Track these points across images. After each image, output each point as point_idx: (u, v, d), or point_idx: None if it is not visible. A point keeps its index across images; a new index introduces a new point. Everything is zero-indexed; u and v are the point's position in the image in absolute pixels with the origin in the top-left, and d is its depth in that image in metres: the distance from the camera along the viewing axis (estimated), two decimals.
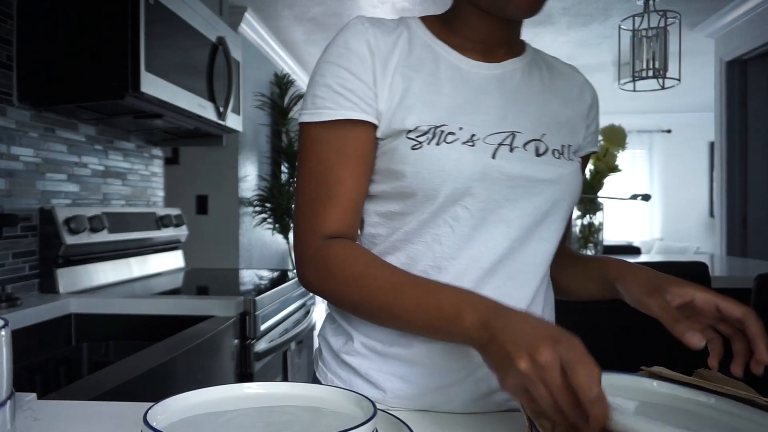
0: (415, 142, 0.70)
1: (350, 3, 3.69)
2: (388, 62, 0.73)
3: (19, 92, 1.60)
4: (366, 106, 0.72)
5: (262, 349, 1.71)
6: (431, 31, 0.78)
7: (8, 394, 0.53)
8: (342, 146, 0.72)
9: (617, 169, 2.36)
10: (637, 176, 7.50)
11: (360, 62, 0.72)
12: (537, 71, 0.82)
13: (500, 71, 0.78)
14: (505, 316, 0.57)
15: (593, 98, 0.88)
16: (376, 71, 0.72)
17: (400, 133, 0.71)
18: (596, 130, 0.89)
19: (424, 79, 0.73)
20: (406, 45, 0.75)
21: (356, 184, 0.73)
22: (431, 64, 0.75)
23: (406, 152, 0.70)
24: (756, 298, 1.67)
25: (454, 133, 0.71)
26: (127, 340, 1.59)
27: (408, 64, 0.74)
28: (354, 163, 0.72)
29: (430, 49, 0.76)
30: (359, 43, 0.72)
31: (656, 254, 6.20)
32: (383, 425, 0.55)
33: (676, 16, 2.97)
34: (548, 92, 0.81)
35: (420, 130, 0.70)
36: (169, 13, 1.67)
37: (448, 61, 0.76)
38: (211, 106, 1.95)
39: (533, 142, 0.75)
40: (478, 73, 0.77)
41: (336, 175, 0.72)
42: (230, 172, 3.85)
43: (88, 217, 1.75)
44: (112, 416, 0.68)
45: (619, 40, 3.23)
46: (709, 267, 1.66)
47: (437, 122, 0.71)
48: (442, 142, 0.70)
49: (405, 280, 0.67)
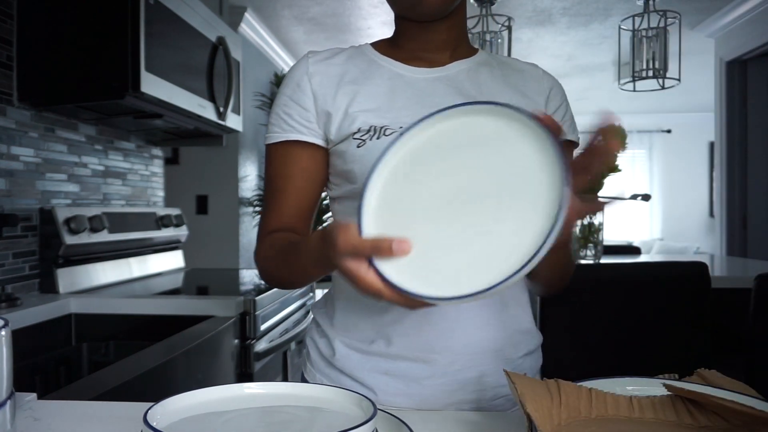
0: (359, 140, 0.78)
1: (350, 3, 3.69)
2: (329, 81, 0.82)
3: (19, 92, 1.60)
4: (303, 129, 0.82)
5: (262, 349, 1.71)
6: (378, 51, 0.86)
7: (8, 394, 0.53)
8: (285, 163, 0.85)
9: (617, 169, 2.36)
10: (637, 176, 7.50)
11: (300, 90, 0.82)
12: (486, 70, 0.85)
13: (444, 74, 0.83)
14: (322, 235, 0.64)
15: (552, 86, 0.87)
16: (315, 92, 0.82)
17: (348, 137, 0.79)
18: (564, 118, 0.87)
19: (366, 89, 0.81)
20: (350, 64, 0.84)
21: (298, 194, 0.84)
22: (375, 76, 0.82)
23: (353, 151, 0.78)
24: (756, 298, 1.67)
25: (394, 130, 0.76)
26: (127, 340, 1.59)
27: (351, 78, 0.82)
28: (296, 177, 0.84)
29: (375, 64, 0.84)
30: (299, 73, 0.83)
31: (656, 254, 6.20)
32: (383, 425, 0.55)
33: (676, 16, 2.98)
34: (499, 86, 0.83)
35: (362, 131, 0.78)
36: (169, 13, 1.67)
37: (391, 71, 0.83)
38: (211, 106, 1.95)
39: None
40: (420, 77, 0.82)
41: (279, 187, 0.85)
42: (230, 172, 3.85)
43: (88, 217, 1.75)
44: (112, 416, 0.68)
45: (619, 40, 3.23)
46: (709, 267, 1.66)
47: (378, 123, 0.77)
48: (382, 136, 0.76)
49: (284, 249, 0.77)
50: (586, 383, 0.62)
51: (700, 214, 7.48)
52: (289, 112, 0.83)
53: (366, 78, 0.82)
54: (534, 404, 0.55)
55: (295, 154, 0.84)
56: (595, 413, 0.58)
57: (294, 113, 0.83)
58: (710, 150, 7.30)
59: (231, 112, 2.09)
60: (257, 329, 1.70)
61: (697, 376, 0.65)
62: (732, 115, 3.97)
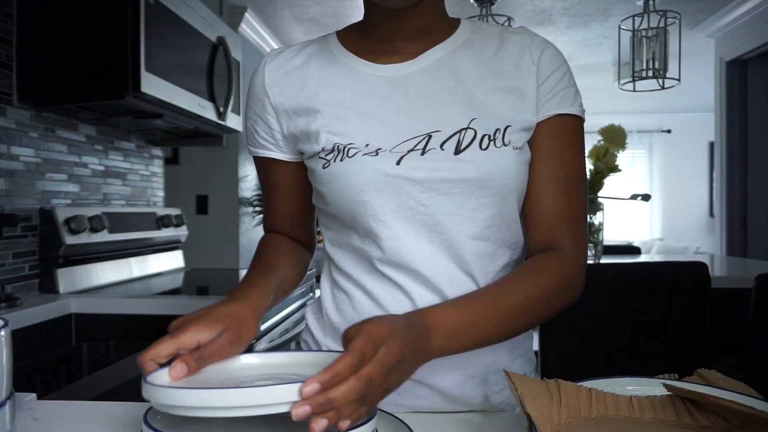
0: (325, 161, 0.74)
1: (350, 3, 3.69)
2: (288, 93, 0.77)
3: (19, 92, 1.60)
4: (269, 144, 0.81)
5: (262, 349, 1.71)
6: (344, 45, 0.79)
7: (8, 394, 0.53)
8: (267, 175, 0.86)
9: (617, 169, 2.36)
10: (637, 176, 7.50)
11: (261, 107, 0.80)
12: (465, 54, 0.76)
13: (415, 68, 0.74)
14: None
15: (540, 55, 0.75)
16: (276, 107, 0.78)
17: (314, 155, 0.75)
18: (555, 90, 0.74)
19: (330, 100, 0.75)
20: (312, 67, 0.78)
21: (284, 203, 0.86)
22: (338, 81, 0.76)
23: (320, 172, 0.74)
24: (756, 298, 1.67)
25: (358, 148, 0.71)
26: (127, 340, 1.59)
27: (313, 89, 0.76)
28: (278, 189, 0.85)
29: (337, 63, 0.77)
30: (258, 83, 0.80)
31: (656, 254, 6.20)
32: (383, 425, 0.55)
33: (676, 16, 2.98)
34: (479, 72, 0.74)
35: (326, 150, 0.73)
36: (169, 13, 1.67)
37: (356, 72, 0.76)
38: (211, 106, 1.95)
39: (454, 137, 0.70)
40: (388, 76, 0.74)
41: (267, 196, 0.87)
42: (230, 172, 3.85)
43: (88, 217, 1.75)
44: (112, 416, 0.68)
45: (619, 40, 3.23)
46: (709, 267, 1.66)
47: (343, 141, 0.72)
48: (345, 157, 0.72)
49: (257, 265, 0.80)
50: (586, 383, 0.62)
51: (700, 214, 7.48)
52: (257, 129, 0.82)
53: (327, 84, 0.76)
54: (534, 404, 0.55)
55: (272, 167, 0.83)
56: (595, 413, 0.58)
57: (260, 130, 0.81)
58: (710, 150, 7.30)
59: (231, 112, 2.09)
60: (257, 329, 1.69)
61: (697, 376, 0.65)
62: (732, 115, 3.97)
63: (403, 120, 0.72)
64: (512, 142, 0.71)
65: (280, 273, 0.78)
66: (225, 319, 0.62)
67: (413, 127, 0.71)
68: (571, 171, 0.75)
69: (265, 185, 0.87)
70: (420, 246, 0.72)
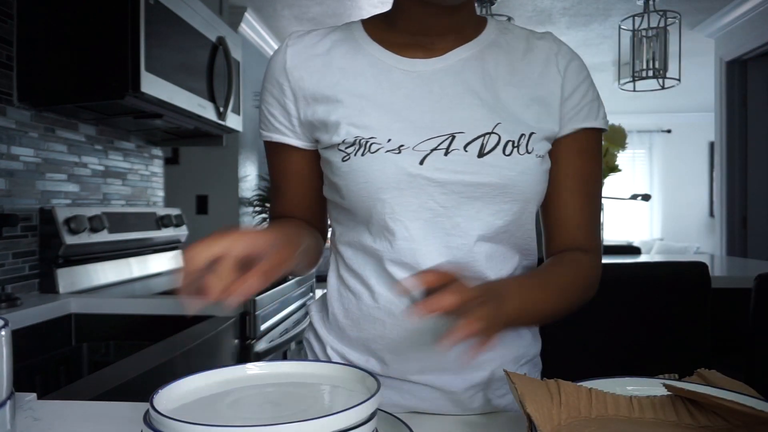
0: (344, 154, 0.71)
1: (350, 3, 3.69)
2: (310, 79, 0.74)
3: (19, 92, 1.60)
4: (286, 130, 0.78)
5: (262, 349, 1.71)
6: (370, 34, 0.76)
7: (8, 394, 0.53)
8: (279, 161, 0.81)
9: (617, 169, 2.36)
10: (637, 176, 7.50)
11: (279, 87, 0.76)
12: (492, 55, 0.74)
13: (442, 65, 0.73)
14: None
15: (567, 66, 0.75)
16: (295, 92, 0.75)
17: (333, 146, 0.73)
18: (582, 103, 0.75)
19: (353, 90, 0.72)
20: (336, 55, 0.75)
21: (296, 192, 0.82)
22: (362, 71, 0.73)
23: (339, 164, 0.72)
24: (756, 298, 1.67)
25: (380, 144, 0.69)
26: (127, 340, 1.59)
27: (335, 78, 0.74)
28: (291, 176, 0.81)
29: (363, 53, 0.75)
30: (278, 67, 0.77)
31: (656, 254, 6.20)
32: (383, 425, 0.55)
33: (676, 16, 2.98)
34: (506, 77, 0.73)
35: (347, 142, 0.71)
36: (169, 13, 1.67)
37: (382, 64, 0.73)
38: (211, 106, 1.95)
39: (478, 140, 0.69)
40: (414, 71, 0.73)
41: (278, 185, 0.83)
42: (230, 172, 3.85)
43: (88, 217, 1.75)
44: (112, 416, 0.68)
45: (619, 40, 3.24)
46: (709, 267, 1.66)
47: (365, 134, 0.70)
48: (366, 152, 0.69)
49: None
50: (586, 383, 0.62)
51: (700, 214, 7.48)
52: (273, 112, 0.78)
53: (351, 73, 0.73)
54: (534, 404, 0.55)
55: (286, 155, 0.79)
56: (595, 413, 0.58)
57: (277, 113, 0.77)
58: (710, 150, 7.29)
59: (231, 112, 2.09)
60: (257, 329, 1.70)
61: (697, 376, 0.65)
62: (732, 115, 3.97)
63: (427, 117, 0.70)
64: (535, 150, 0.71)
65: (304, 241, 0.72)
66: (266, 237, 0.58)
67: (437, 125, 0.70)
68: (592, 181, 0.78)
69: (276, 172, 0.82)
70: (435, 248, 0.71)
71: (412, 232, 0.70)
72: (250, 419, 0.47)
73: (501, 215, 0.71)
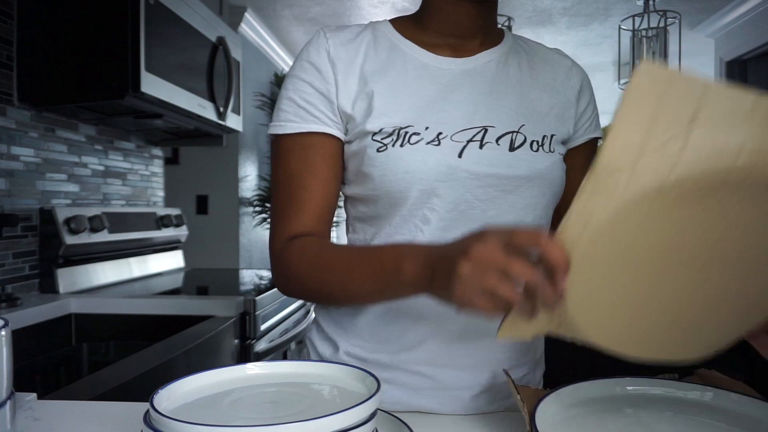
0: (380, 144, 0.71)
1: (350, 3, 3.69)
2: (350, 70, 0.74)
3: (19, 92, 1.60)
4: (326, 119, 0.75)
5: (262, 349, 1.71)
6: (399, 32, 0.78)
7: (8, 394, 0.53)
8: (307, 156, 0.75)
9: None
10: None
11: (320, 76, 0.75)
12: (515, 60, 0.79)
13: (472, 65, 0.76)
14: (439, 248, 0.58)
15: (582, 82, 0.83)
16: (338, 81, 0.74)
17: (367, 135, 0.72)
18: (593, 115, 0.84)
19: (389, 81, 0.74)
20: (371, 49, 0.76)
21: (322, 190, 0.75)
22: (397, 65, 0.75)
23: (373, 155, 0.71)
24: None
25: (419, 134, 0.70)
26: (127, 340, 1.59)
27: (373, 68, 0.75)
28: (320, 172, 0.75)
29: (397, 50, 0.76)
30: (319, 56, 0.75)
31: None
32: (383, 425, 0.55)
33: (676, 16, 2.98)
34: (528, 81, 0.78)
35: (384, 132, 0.71)
36: (169, 13, 1.67)
37: (416, 60, 0.76)
38: (211, 106, 1.95)
39: (508, 136, 0.73)
40: (447, 69, 0.75)
41: (303, 185, 0.75)
42: (230, 172, 3.85)
43: (88, 217, 1.75)
44: (112, 416, 0.68)
45: (619, 40, 3.24)
46: None
47: (402, 123, 0.71)
48: (405, 143, 0.70)
49: (352, 255, 0.69)
50: (586, 383, 0.62)
51: None
52: (311, 101, 0.74)
53: (388, 67, 0.75)
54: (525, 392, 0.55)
55: (319, 146, 0.75)
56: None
57: (317, 102, 0.74)
58: None
59: (231, 112, 2.09)
60: (257, 329, 1.70)
61: (697, 376, 0.65)
62: None
63: (461, 109, 0.73)
64: (557, 150, 0.77)
65: None
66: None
67: (469, 117, 0.72)
68: None
69: (302, 173, 0.75)
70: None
71: (447, 223, 0.72)
72: (250, 419, 0.47)
73: (530, 209, 0.74)
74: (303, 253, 0.72)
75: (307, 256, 0.71)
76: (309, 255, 0.71)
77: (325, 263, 0.69)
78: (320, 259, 0.70)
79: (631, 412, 0.61)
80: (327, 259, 0.70)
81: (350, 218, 0.81)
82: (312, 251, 0.71)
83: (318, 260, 0.70)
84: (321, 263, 0.70)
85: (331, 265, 0.69)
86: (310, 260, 0.71)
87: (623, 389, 0.64)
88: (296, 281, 0.73)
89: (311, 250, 0.71)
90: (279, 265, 0.75)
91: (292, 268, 0.72)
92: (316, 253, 0.71)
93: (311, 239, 0.73)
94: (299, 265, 0.71)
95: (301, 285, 0.73)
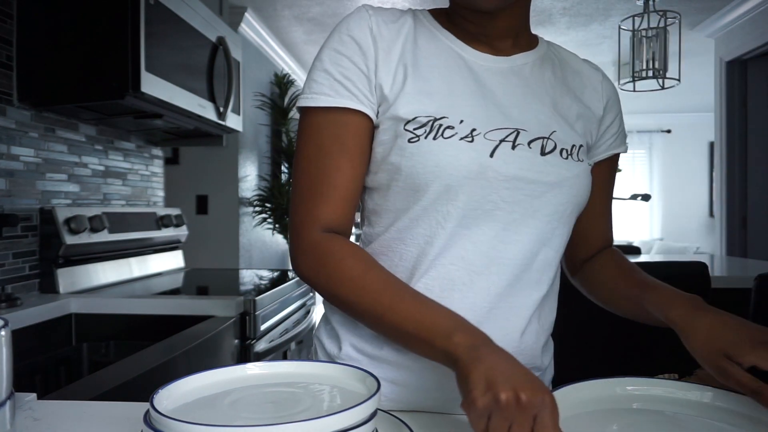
0: (412, 134, 0.69)
1: (350, 3, 3.69)
2: (391, 50, 0.72)
3: (19, 92, 1.60)
4: (363, 98, 0.71)
5: (262, 349, 1.71)
6: (439, 22, 0.77)
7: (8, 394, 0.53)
8: (340, 134, 0.71)
9: (617, 169, 2.36)
10: (637, 176, 7.50)
11: (360, 51, 0.71)
12: (549, 67, 0.80)
13: (508, 65, 0.76)
14: (494, 348, 0.57)
15: (610, 97, 0.84)
16: (378, 59, 0.71)
17: (399, 123, 0.70)
18: (619, 130, 0.85)
19: (428, 69, 0.72)
20: (411, 34, 0.74)
21: (354, 174, 0.72)
22: (437, 53, 0.74)
23: (404, 145, 0.69)
24: (756, 298, 1.67)
25: (453, 127, 0.69)
26: (127, 340, 1.59)
27: (412, 53, 0.73)
28: (352, 152, 0.71)
29: (437, 39, 0.75)
30: (361, 32, 0.72)
31: (656, 254, 6.20)
32: (383, 425, 0.55)
33: (676, 16, 2.98)
34: (560, 89, 0.78)
35: (418, 122, 0.69)
36: (169, 13, 1.67)
37: (454, 52, 0.75)
38: (211, 106, 1.95)
39: (539, 140, 0.72)
40: (483, 64, 0.75)
41: (335, 164, 0.71)
42: (230, 172, 3.85)
43: (88, 217, 1.75)
44: (112, 416, 0.68)
45: (619, 40, 3.24)
46: (709, 267, 1.66)
47: (437, 114, 0.69)
48: (439, 136, 0.68)
49: (403, 290, 0.67)
50: (586, 383, 0.62)
51: (700, 214, 7.48)
52: (349, 76, 0.71)
53: (428, 53, 0.73)
54: None
55: (352, 125, 0.71)
56: None
57: (355, 78, 0.71)
58: (710, 150, 7.30)
59: (231, 112, 2.09)
60: (257, 329, 1.70)
61: (696, 376, 0.65)
62: (732, 115, 3.97)
63: (496, 108, 0.72)
64: (585, 160, 0.77)
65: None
66: None
67: (503, 118, 0.71)
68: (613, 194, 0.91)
69: (334, 150, 0.71)
70: (487, 239, 0.71)
71: (469, 221, 0.71)
72: (250, 419, 0.47)
73: (556, 217, 0.74)
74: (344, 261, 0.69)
75: (352, 267, 0.68)
76: (355, 268, 0.68)
77: (372, 285, 0.67)
78: (367, 278, 0.67)
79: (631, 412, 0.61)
80: (375, 282, 0.67)
81: (366, 211, 0.79)
82: (359, 265, 0.68)
83: (364, 278, 0.67)
84: (367, 282, 0.67)
85: (374, 290, 0.66)
86: (354, 274, 0.68)
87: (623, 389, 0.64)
88: (328, 285, 0.70)
89: (358, 263, 0.68)
90: (310, 257, 0.71)
91: (329, 269, 0.69)
92: (363, 270, 0.68)
93: (352, 246, 0.71)
94: (340, 272, 0.68)
95: (333, 291, 0.70)
